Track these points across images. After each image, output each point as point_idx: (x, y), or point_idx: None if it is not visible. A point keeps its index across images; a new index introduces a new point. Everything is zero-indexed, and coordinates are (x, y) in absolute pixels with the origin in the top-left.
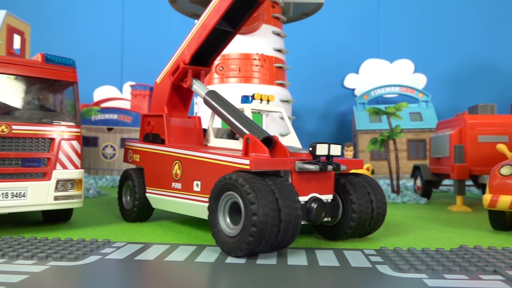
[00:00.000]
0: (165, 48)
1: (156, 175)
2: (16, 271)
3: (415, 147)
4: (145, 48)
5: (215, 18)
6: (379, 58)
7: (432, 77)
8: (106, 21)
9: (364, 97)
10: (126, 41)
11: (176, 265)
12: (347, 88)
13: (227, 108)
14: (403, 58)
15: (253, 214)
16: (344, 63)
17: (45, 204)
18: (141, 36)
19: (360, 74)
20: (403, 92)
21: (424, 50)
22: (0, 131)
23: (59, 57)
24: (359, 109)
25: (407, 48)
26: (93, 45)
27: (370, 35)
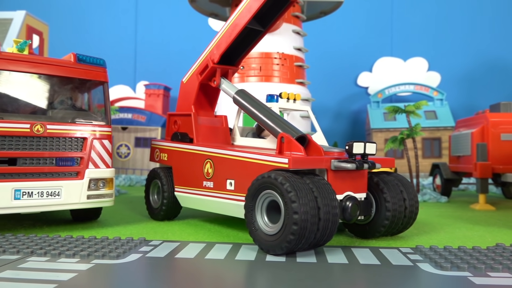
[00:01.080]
0: (178, 47)
1: (185, 174)
2: (63, 269)
3: (430, 146)
4: (158, 48)
5: (246, 17)
6: (393, 56)
7: (446, 75)
8: (119, 20)
9: (378, 96)
10: (139, 41)
11: (217, 263)
12: (360, 86)
13: (258, 106)
14: (417, 56)
15: (294, 213)
16: (358, 61)
17: (78, 203)
18: (154, 35)
19: (374, 72)
20: (417, 90)
21: (438, 48)
22: (35, 130)
23: (91, 57)
24: (373, 107)
25: (421, 46)
26: (106, 44)
27: (384, 33)
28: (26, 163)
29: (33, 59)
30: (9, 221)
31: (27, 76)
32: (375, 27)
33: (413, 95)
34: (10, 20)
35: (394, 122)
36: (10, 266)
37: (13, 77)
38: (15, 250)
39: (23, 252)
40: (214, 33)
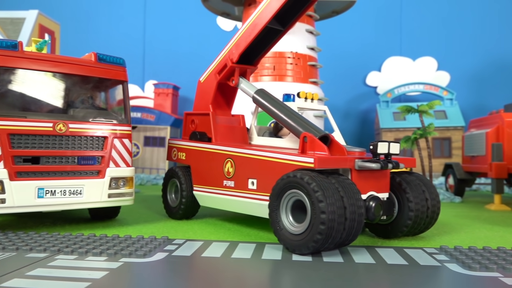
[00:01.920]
0: (186, 47)
1: (204, 173)
2: (93, 267)
3: (439, 146)
4: (167, 47)
5: (267, 16)
6: (402, 56)
7: (455, 75)
8: (128, 19)
9: (388, 95)
10: (148, 40)
11: (244, 262)
12: (369, 86)
13: (278, 106)
14: (426, 55)
15: (321, 212)
16: (366, 61)
17: (100, 202)
18: (163, 34)
19: (383, 72)
20: (427, 90)
21: (447, 47)
22: (58, 129)
23: (111, 56)
24: (383, 107)
25: (430, 45)
26: (115, 43)
27: (393, 33)
28: (49, 162)
29: (55, 58)
30: (29, 219)
31: (49, 75)
32: (384, 27)
33: (422, 94)
34: (23, 19)
35: (404, 122)
36: (40, 264)
37: (35, 76)
38: (42, 249)
39: (50, 250)
40: (223, 32)
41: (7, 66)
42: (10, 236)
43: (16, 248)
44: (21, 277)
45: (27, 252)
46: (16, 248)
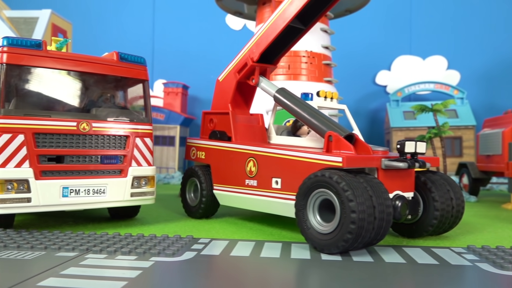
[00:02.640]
0: (195, 46)
1: (225, 172)
2: (125, 267)
3: (450, 145)
4: (176, 46)
5: (290, 15)
6: (412, 55)
7: (465, 73)
8: (137, 19)
9: (398, 94)
10: (157, 39)
11: (274, 262)
12: (378, 85)
13: (301, 105)
14: (436, 54)
15: (352, 212)
16: (376, 59)
17: (122, 201)
18: (172, 34)
19: (392, 71)
20: (437, 89)
21: (458, 46)
22: (81, 128)
23: (132, 55)
24: (393, 106)
25: (440, 44)
26: (124, 43)
27: (403, 32)
28: (72, 161)
29: (78, 58)
30: (50, 218)
31: (72, 74)
32: (394, 26)
33: (432, 93)
34: (36, 19)
35: (414, 121)
36: (72, 263)
37: (59, 75)
38: (70, 248)
39: (79, 250)
40: (232, 31)
41: (32, 65)
42: (36, 235)
43: (44, 247)
44: (56, 276)
45: (56, 251)
46: (44, 247)
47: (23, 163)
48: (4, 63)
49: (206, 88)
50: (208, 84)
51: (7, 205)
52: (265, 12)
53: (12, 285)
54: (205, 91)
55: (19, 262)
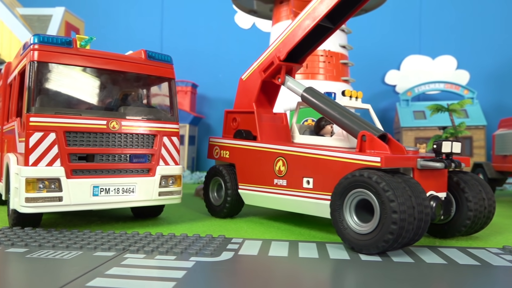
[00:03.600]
0: (204, 44)
1: (252, 171)
2: (169, 267)
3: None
4: (184, 44)
5: (321, 14)
6: (421, 54)
7: (475, 73)
8: (145, 17)
9: (408, 94)
10: (166, 38)
11: (315, 262)
12: (388, 84)
13: (331, 104)
14: (446, 54)
15: (393, 212)
16: (385, 59)
17: (151, 200)
18: (180, 32)
19: (402, 70)
20: (447, 89)
21: (467, 46)
22: (111, 127)
23: (159, 54)
24: (403, 105)
25: (449, 44)
26: (133, 41)
27: (412, 31)
28: (102, 160)
29: (107, 56)
30: (74, 217)
31: (102, 73)
32: (403, 25)
33: (441, 93)
34: (50, 16)
35: (424, 121)
36: (113, 263)
37: (88, 73)
38: (106, 247)
39: (115, 249)
40: (241, 30)
41: (62, 63)
42: (67, 234)
43: (80, 247)
44: (102, 276)
45: (92, 250)
46: (80, 247)
47: (55, 162)
48: (35, 60)
49: (215, 87)
50: (217, 83)
51: (38, 204)
52: (282, 11)
53: (61, 285)
54: (214, 90)
55: (60, 262)
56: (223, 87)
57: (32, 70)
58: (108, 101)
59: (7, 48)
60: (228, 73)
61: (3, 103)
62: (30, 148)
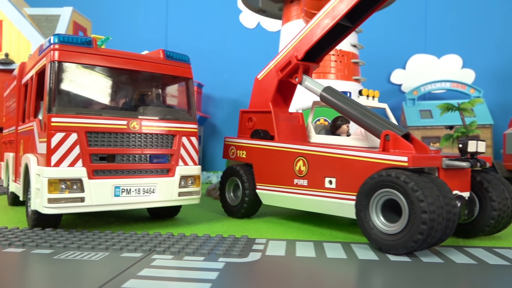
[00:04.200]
0: (209, 44)
1: (270, 171)
2: (200, 268)
3: None
4: (189, 44)
5: (341, 12)
6: (426, 54)
7: (480, 72)
8: (150, 17)
9: (414, 93)
10: (170, 37)
11: (345, 263)
12: (393, 83)
13: (351, 104)
14: (451, 53)
15: (423, 212)
16: (391, 58)
17: (171, 200)
18: (185, 32)
19: (407, 69)
20: (453, 88)
21: (473, 45)
22: (131, 127)
23: (177, 53)
24: (409, 105)
25: (455, 43)
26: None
27: (417, 31)
28: (123, 160)
29: (127, 55)
30: (92, 217)
31: (122, 72)
32: (408, 24)
33: (447, 92)
34: (58, 16)
35: (431, 120)
36: (142, 264)
37: (108, 73)
38: (132, 248)
39: (141, 250)
40: (246, 29)
41: (83, 63)
42: (89, 235)
43: (105, 248)
44: (135, 277)
45: (118, 251)
46: (105, 248)
47: (76, 162)
48: (56, 60)
49: (220, 86)
50: (222, 83)
51: (61, 204)
52: (293, 11)
53: (97, 287)
54: (219, 90)
55: (89, 263)
56: (229, 87)
57: (52, 70)
58: (127, 101)
59: (15, 48)
60: (233, 73)
61: (17, 103)
62: (52, 148)
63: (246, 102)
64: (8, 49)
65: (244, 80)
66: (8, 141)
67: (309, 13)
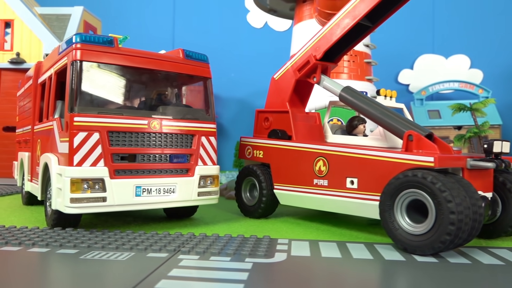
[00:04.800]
0: (216, 43)
1: (289, 171)
2: (228, 268)
3: (476, 144)
4: (196, 44)
5: (362, 12)
6: (434, 54)
7: (488, 73)
8: (157, 16)
9: (422, 93)
10: (177, 37)
11: (372, 263)
12: (401, 83)
13: (372, 104)
14: (459, 53)
15: (451, 212)
16: (399, 58)
17: (190, 200)
18: (192, 31)
19: (415, 69)
20: (462, 88)
21: (481, 45)
22: (152, 127)
23: (196, 53)
24: (417, 105)
25: (463, 43)
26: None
27: (425, 31)
28: (143, 160)
29: (148, 55)
30: (109, 217)
31: (142, 72)
32: (416, 24)
33: (455, 92)
34: (68, 15)
35: (439, 120)
36: (171, 265)
37: (129, 73)
38: (157, 248)
39: (166, 250)
40: (253, 29)
41: (104, 62)
42: (111, 235)
43: (130, 248)
44: (166, 278)
45: (143, 251)
46: (130, 248)
47: (98, 162)
48: (78, 60)
49: (227, 86)
50: (229, 82)
51: (83, 204)
52: (305, 10)
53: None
54: (226, 89)
55: (117, 263)
56: (236, 86)
57: (75, 69)
58: (147, 100)
59: (27, 47)
60: (240, 72)
61: (33, 103)
62: (74, 148)
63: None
64: (20, 48)
65: (251, 80)
66: (23, 141)
67: (323, 13)
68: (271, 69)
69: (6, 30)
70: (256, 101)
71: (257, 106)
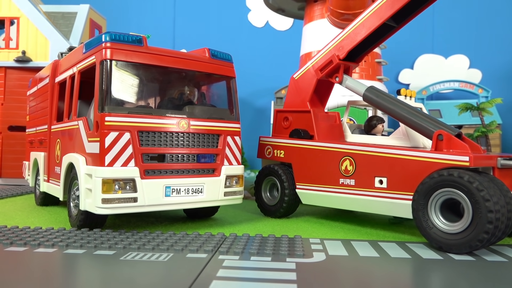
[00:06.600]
0: (217, 42)
1: (313, 171)
2: (273, 268)
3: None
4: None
5: (388, 12)
6: (434, 54)
7: (487, 72)
8: (158, 14)
9: (423, 93)
10: (178, 35)
11: (410, 262)
12: (402, 83)
13: (398, 104)
14: (458, 53)
15: (489, 211)
16: (399, 58)
17: (217, 200)
18: (193, 30)
19: (415, 69)
20: (462, 88)
21: (480, 45)
22: (180, 126)
23: (221, 52)
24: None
25: (462, 43)
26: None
27: (425, 30)
28: (172, 160)
29: (176, 54)
30: (131, 218)
31: (171, 71)
32: (416, 24)
33: (455, 92)
34: (75, 13)
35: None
36: (215, 265)
37: (157, 72)
38: (194, 249)
39: (204, 250)
40: (254, 28)
41: (134, 61)
42: (140, 235)
43: (166, 248)
44: (217, 279)
45: (180, 252)
46: (166, 248)
47: (129, 162)
48: (108, 59)
49: None
50: None
51: (114, 205)
52: (316, 10)
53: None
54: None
55: (160, 264)
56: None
57: (105, 68)
58: (175, 100)
59: (32, 45)
60: (242, 72)
61: (50, 102)
62: (106, 148)
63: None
64: (25, 46)
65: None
66: (37, 140)
67: (335, 12)
68: (271, 68)
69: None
70: (257, 101)
71: (258, 106)
